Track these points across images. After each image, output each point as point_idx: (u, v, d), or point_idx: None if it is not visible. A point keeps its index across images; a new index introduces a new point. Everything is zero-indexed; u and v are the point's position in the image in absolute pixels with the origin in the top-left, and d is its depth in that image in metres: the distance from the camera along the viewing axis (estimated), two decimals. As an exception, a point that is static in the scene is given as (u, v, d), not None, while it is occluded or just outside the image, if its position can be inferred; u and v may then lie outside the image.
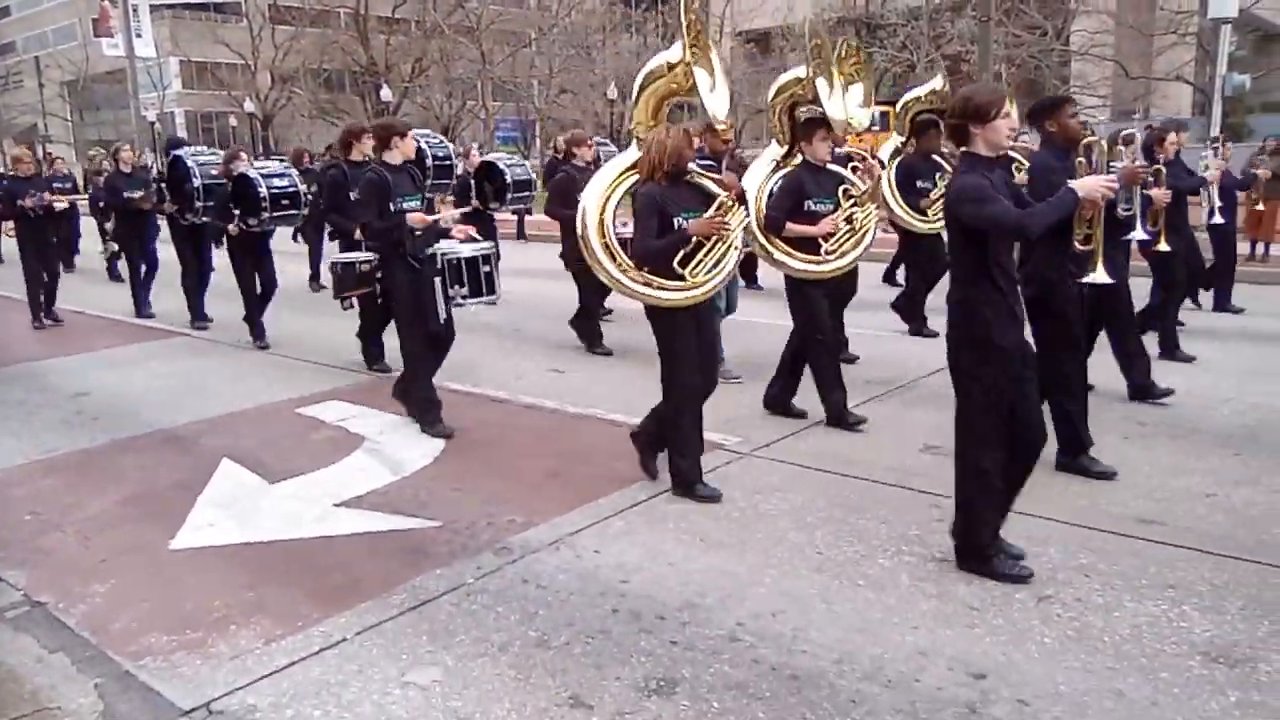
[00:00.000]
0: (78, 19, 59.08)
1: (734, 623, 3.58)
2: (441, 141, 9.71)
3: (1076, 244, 4.63)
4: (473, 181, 9.89)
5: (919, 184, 8.08)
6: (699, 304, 4.80)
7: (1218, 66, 14.19)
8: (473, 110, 43.35)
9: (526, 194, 10.22)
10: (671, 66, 5.09)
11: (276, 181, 8.47)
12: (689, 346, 4.80)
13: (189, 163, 9.13)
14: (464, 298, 6.09)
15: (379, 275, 6.47)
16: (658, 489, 4.92)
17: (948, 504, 4.59)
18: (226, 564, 4.27)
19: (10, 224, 10.53)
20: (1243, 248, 10.84)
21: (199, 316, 10.01)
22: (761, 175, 6.06)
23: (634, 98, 5.25)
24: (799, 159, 5.91)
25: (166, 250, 10.39)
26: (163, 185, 9.81)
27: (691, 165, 4.83)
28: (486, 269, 6.20)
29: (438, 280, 5.92)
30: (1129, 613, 3.56)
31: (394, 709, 3.12)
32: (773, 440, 5.64)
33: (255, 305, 8.91)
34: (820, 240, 5.73)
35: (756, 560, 4.11)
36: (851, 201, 5.83)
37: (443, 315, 5.95)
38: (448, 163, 9.25)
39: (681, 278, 4.70)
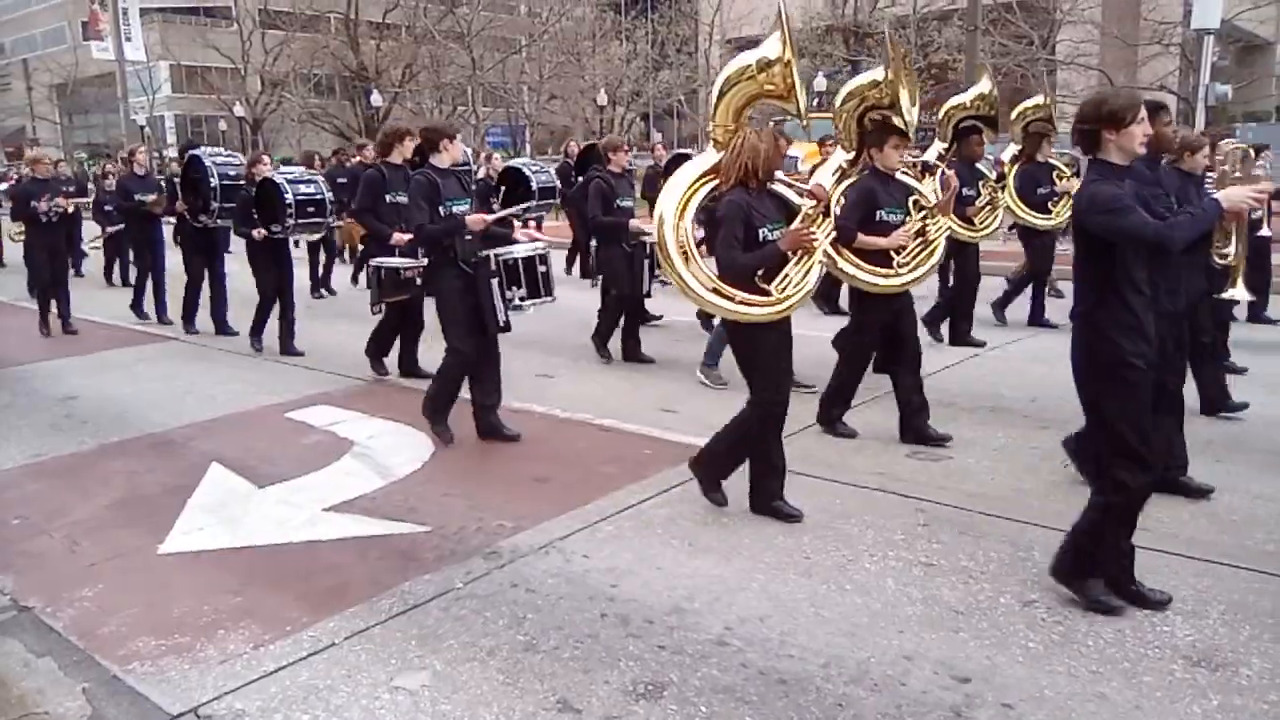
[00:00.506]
0: (67, 22, 58.92)
1: (722, 627, 3.61)
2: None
3: (1215, 258, 4.37)
4: (501, 188, 9.86)
5: (964, 192, 7.68)
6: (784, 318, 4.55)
7: (1201, 76, 14.28)
8: (463, 115, 43.34)
9: (551, 201, 10.04)
10: (765, 66, 4.69)
11: (303, 188, 8.28)
12: (772, 361, 4.55)
13: (206, 162, 8.88)
14: (522, 299, 5.86)
15: (418, 283, 6.24)
16: (646, 494, 4.94)
17: (932, 508, 4.65)
18: (215, 568, 4.27)
19: (18, 227, 10.23)
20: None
21: (191, 321, 9.85)
22: (827, 184, 5.71)
23: (714, 100, 4.91)
24: (859, 167, 5.68)
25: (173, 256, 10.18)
26: (176, 183, 9.52)
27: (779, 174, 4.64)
28: (543, 268, 5.98)
29: (494, 282, 5.71)
30: (1113, 618, 3.59)
31: (383, 713, 3.13)
32: (761, 446, 5.66)
33: (267, 311, 8.70)
34: (891, 253, 5.48)
35: (744, 564, 4.14)
36: (923, 212, 5.59)
37: (502, 319, 5.73)
38: (465, 167, 9.14)
39: (766, 293, 4.42)
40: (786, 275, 4.47)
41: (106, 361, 8.71)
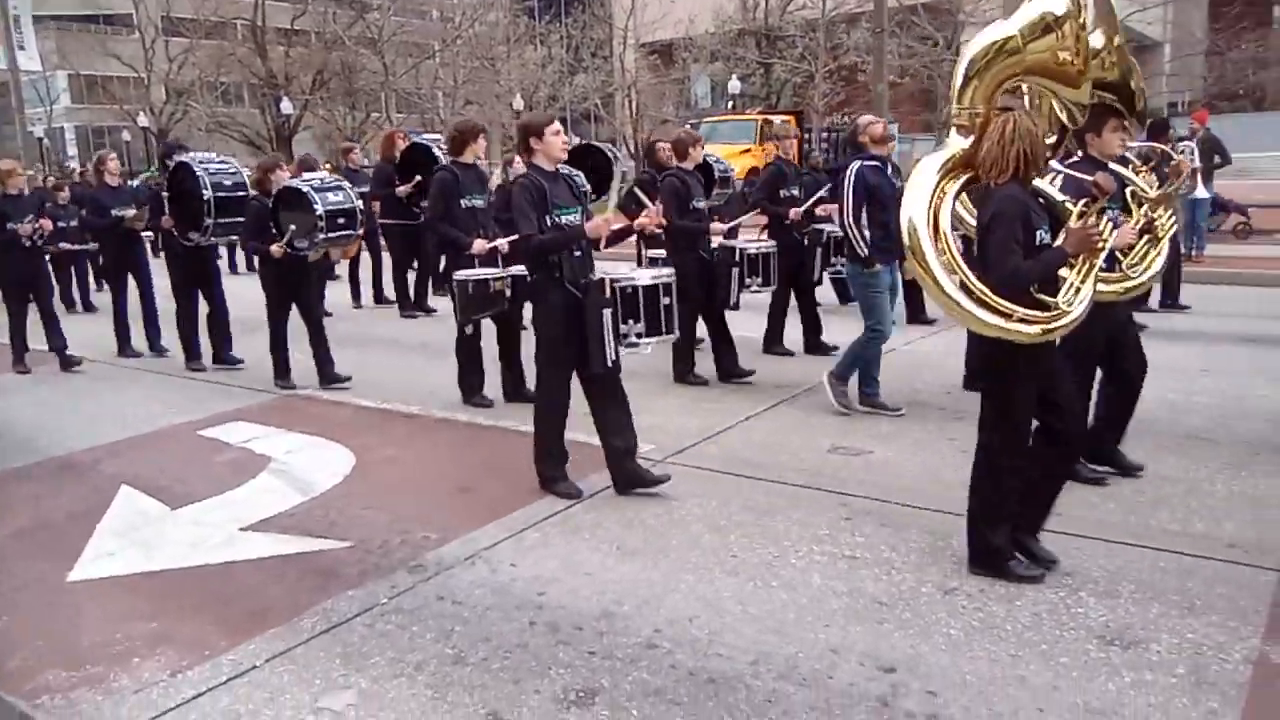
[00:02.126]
0: (-46, 31, 56.45)
1: (651, 630, 3.61)
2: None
3: None
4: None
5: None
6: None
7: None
8: (377, 122, 42.75)
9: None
10: (1041, 31, 3.88)
11: (331, 196, 7.28)
12: (1030, 393, 3.84)
13: (198, 170, 7.76)
14: (638, 335, 5.22)
15: (508, 295, 5.81)
16: (571, 500, 4.92)
17: (856, 503, 4.73)
18: (128, 595, 4.13)
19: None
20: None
21: (195, 355, 8.59)
22: None
23: (963, 79, 4.07)
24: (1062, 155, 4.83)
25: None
26: (163, 197, 8.31)
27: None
28: (666, 300, 5.31)
29: (607, 313, 4.84)
30: (1029, 601, 3.70)
31: (308, 735, 3.07)
32: (686, 446, 5.70)
33: (322, 344, 7.58)
34: (1117, 254, 4.55)
35: (672, 566, 4.15)
36: (1143, 206, 4.77)
37: (610, 356, 4.86)
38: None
39: (1046, 306, 3.69)
40: (1071, 284, 3.79)
41: (9, 384, 8.35)
